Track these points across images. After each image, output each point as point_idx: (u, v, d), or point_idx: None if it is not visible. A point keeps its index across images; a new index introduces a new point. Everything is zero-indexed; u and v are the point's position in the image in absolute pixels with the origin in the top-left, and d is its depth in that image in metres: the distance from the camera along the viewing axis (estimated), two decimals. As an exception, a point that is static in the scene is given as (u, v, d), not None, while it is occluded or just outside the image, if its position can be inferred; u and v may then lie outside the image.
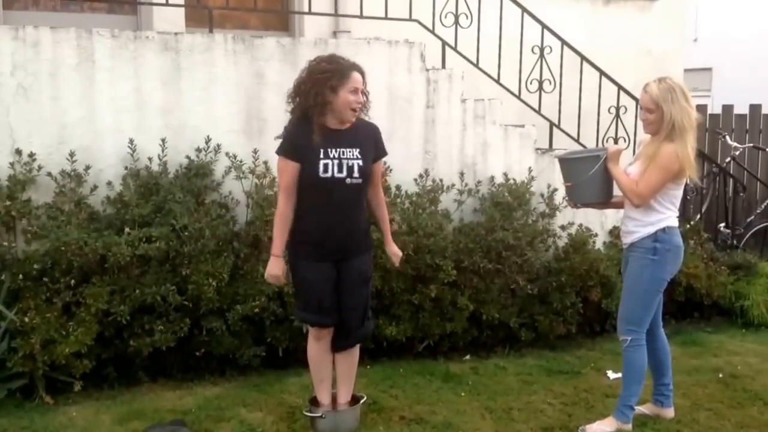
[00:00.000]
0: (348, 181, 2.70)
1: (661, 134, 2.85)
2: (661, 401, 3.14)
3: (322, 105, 2.65)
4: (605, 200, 3.06)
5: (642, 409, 3.15)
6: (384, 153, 2.90)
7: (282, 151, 2.74)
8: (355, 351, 2.99)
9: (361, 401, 3.04)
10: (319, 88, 2.64)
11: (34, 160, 3.45)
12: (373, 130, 2.84)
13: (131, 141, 3.60)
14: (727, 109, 6.58)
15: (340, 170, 2.68)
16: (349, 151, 2.70)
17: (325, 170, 2.67)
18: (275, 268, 2.77)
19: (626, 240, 3.00)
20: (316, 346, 2.92)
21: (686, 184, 3.02)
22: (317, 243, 2.76)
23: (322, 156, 2.67)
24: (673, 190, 2.92)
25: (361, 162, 2.72)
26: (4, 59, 3.44)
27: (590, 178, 2.93)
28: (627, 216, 2.99)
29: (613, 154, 2.91)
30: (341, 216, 2.74)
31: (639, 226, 2.92)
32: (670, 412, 3.15)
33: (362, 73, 2.72)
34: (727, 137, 6.07)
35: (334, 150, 2.69)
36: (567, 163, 3.07)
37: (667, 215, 2.91)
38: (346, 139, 2.72)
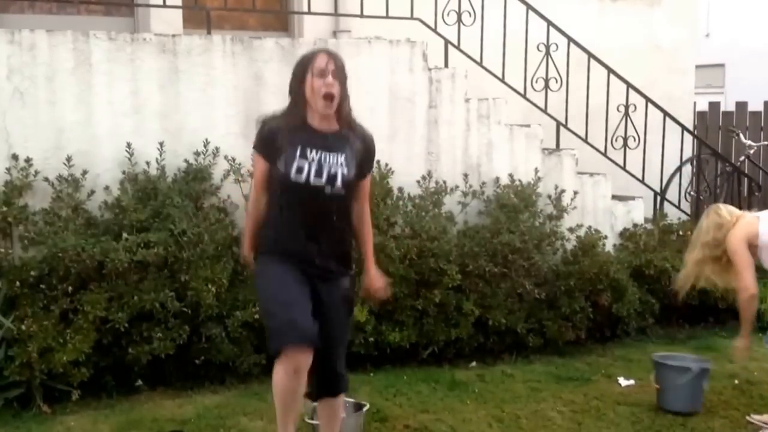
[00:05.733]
0: (328, 190, 2.27)
1: None
2: None
3: (298, 99, 2.31)
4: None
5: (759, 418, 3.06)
6: (370, 169, 2.50)
7: (254, 145, 2.40)
8: (341, 399, 2.57)
9: (364, 409, 2.96)
10: (293, 82, 2.34)
11: (31, 165, 3.41)
12: (369, 141, 2.40)
13: (129, 145, 3.55)
14: (741, 106, 6.46)
15: (318, 176, 2.25)
16: (333, 156, 2.28)
17: (299, 172, 2.24)
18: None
19: None
20: (292, 379, 2.23)
21: None
22: (288, 255, 2.32)
23: (298, 155, 2.25)
24: None
25: (345, 170, 2.29)
26: (0, 63, 3.40)
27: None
28: None
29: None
30: (318, 231, 2.30)
31: None
32: None
33: (333, 57, 2.28)
34: (741, 135, 5.96)
35: (314, 151, 2.26)
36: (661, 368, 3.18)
37: None
38: (331, 142, 2.30)
